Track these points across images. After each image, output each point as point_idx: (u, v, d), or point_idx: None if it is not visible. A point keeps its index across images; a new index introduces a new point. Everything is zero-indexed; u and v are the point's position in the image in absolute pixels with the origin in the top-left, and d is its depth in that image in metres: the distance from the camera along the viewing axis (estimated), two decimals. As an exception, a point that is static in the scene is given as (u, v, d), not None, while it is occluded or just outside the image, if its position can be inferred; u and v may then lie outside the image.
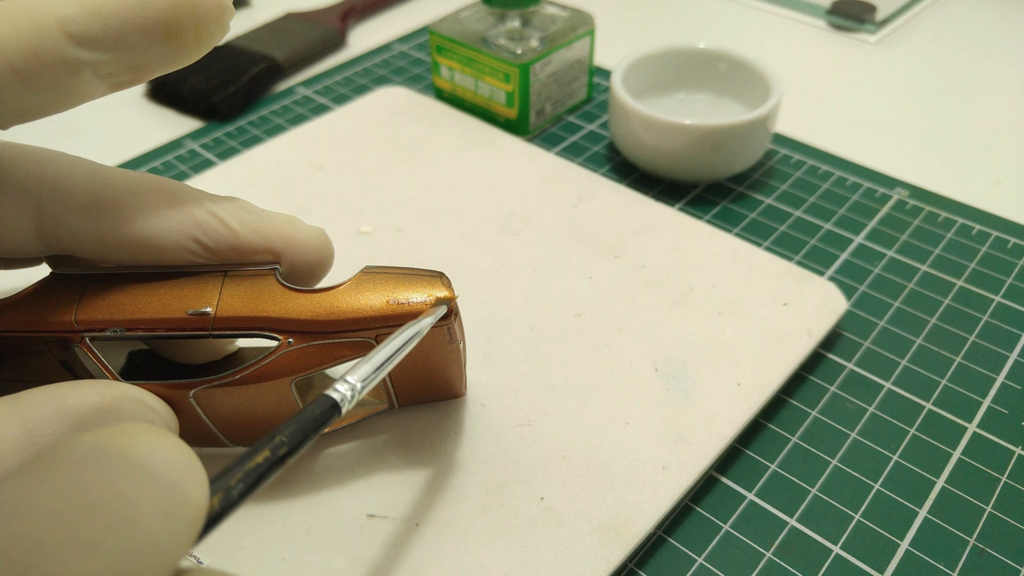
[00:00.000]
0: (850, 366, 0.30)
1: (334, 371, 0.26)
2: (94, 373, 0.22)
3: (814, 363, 0.30)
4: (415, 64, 0.49)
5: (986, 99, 0.46)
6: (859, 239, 0.36)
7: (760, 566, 0.24)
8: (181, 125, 0.44)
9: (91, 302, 0.22)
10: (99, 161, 0.22)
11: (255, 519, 0.23)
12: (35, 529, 0.11)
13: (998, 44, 0.51)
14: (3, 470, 0.17)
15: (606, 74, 0.47)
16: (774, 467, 0.27)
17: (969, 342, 0.31)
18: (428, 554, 0.23)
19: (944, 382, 0.29)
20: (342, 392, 0.18)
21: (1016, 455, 0.27)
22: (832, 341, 0.31)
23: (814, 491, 0.26)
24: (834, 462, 0.27)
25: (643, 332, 0.29)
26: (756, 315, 0.30)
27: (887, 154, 0.41)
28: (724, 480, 0.26)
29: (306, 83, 0.47)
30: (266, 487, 0.24)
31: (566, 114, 0.44)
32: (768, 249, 0.35)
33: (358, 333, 0.22)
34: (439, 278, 0.23)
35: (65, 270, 0.22)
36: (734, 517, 0.25)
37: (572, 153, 0.41)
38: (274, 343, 0.22)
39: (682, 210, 0.37)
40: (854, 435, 0.27)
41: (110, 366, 0.22)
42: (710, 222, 0.36)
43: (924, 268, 0.34)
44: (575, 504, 0.24)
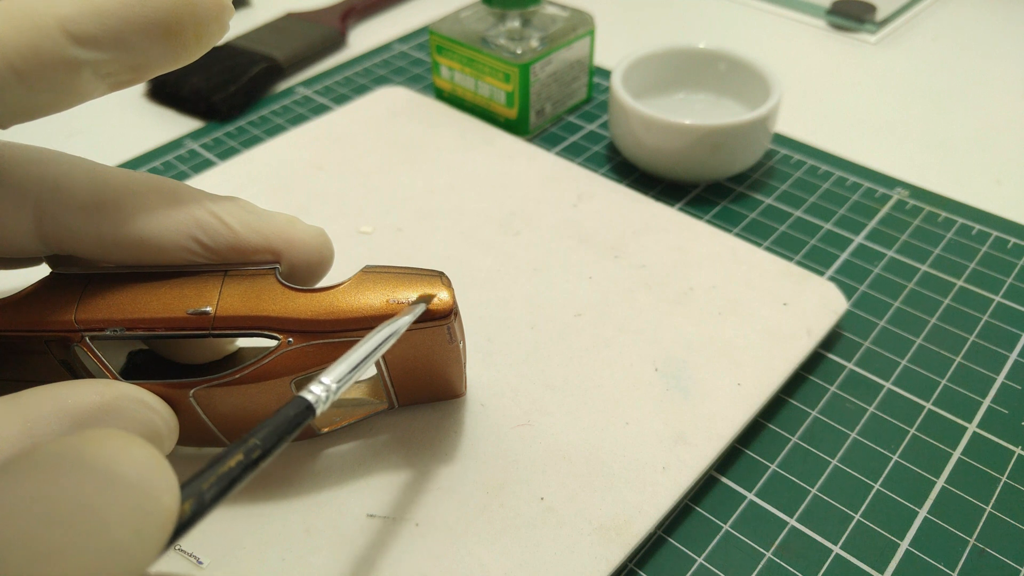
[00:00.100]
0: (850, 366, 0.30)
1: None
2: (94, 373, 0.22)
3: (814, 363, 0.30)
4: (415, 64, 0.49)
5: (986, 99, 0.46)
6: (859, 239, 0.36)
7: (760, 566, 0.24)
8: (181, 125, 0.44)
9: (91, 302, 0.22)
10: (99, 161, 0.22)
11: (255, 519, 0.23)
12: None
13: (998, 44, 0.51)
14: None
15: (606, 74, 0.47)
16: (774, 467, 0.27)
17: (969, 342, 0.31)
18: (428, 554, 0.23)
19: (944, 382, 0.29)
20: (316, 393, 0.18)
21: (1016, 455, 0.27)
22: (832, 341, 0.31)
23: (814, 491, 0.26)
24: (834, 462, 0.27)
25: (643, 332, 0.29)
26: (756, 315, 0.30)
27: (887, 154, 0.41)
28: (724, 480, 0.26)
29: (306, 83, 0.47)
30: (266, 487, 0.24)
31: (566, 114, 0.44)
32: (768, 249, 0.35)
33: (358, 332, 0.22)
34: (439, 278, 0.23)
35: (65, 270, 0.22)
36: (734, 517, 0.25)
37: (572, 153, 0.41)
38: (274, 342, 0.22)
39: (682, 210, 0.37)
40: (854, 435, 0.27)
41: (110, 366, 0.22)
42: (710, 222, 0.36)
43: (924, 268, 0.34)
44: (575, 504, 0.24)
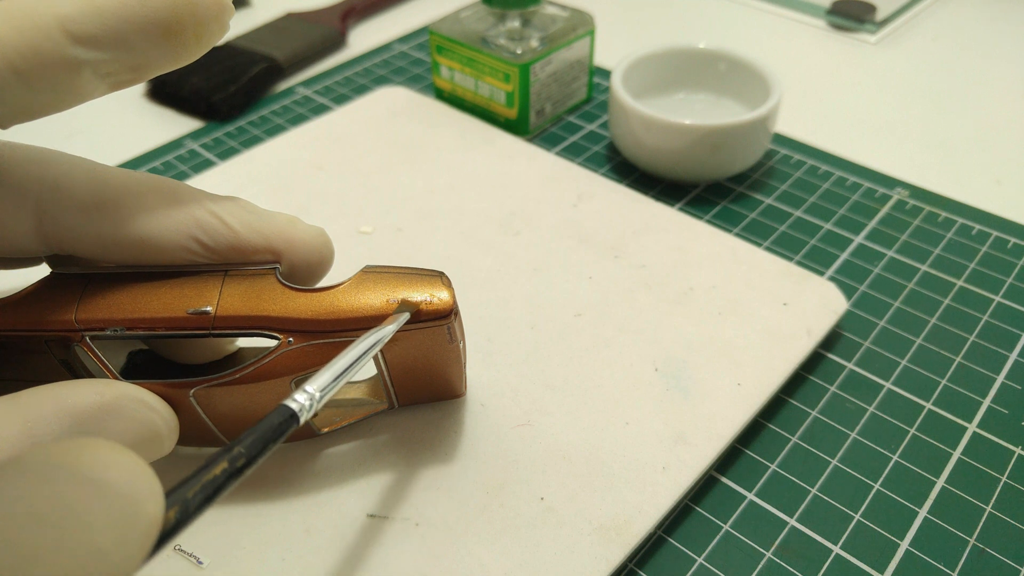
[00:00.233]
0: (850, 366, 0.30)
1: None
2: (94, 372, 0.22)
3: (814, 363, 0.30)
4: (415, 64, 0.49)
5: (986, 99, 0.46)
6: (859, 239, 0.36)
7: (760, 566, 0.24)
8: (181, 125, 0.44)
9: (91, 301, 0.22)
10: (99, 161, 0.22)
11: (255, 519, 0.23)
12: None
13: (998, 44, 0.51)
14: None
15: (606, 74, 0.47)
16: (774, 467, 0.27)
17: (969, 342, 0.31)
18: (428, 554, 0.23)
19: (944, 382, 0.29)
20: (300, 402, 0.18)
21: (1016, 455, 0.27)
22: (832, 341, 0.31)
23: (814, 491, 0.26)
24: (834, 462, 0.27)
25: (643, 332, 0.29)
26: (756, 315, 0.30)
27: (887, 154, 0.41)
28: (724, 480, 0.26)
29: (306, 83, 0.47)
30: (266, 487, 0.24)
31: (566, 114, 0.44)
32: (768, 249, 0.35)
33: (358, 333, 0.22)
34: (439, 277, 0.23)
35: (65, 270, 0.22)
36: (734, 517, 0.25)
37: (572, 153, 0.41)
38: (274, 342, 0.22)
39: (682, 210, 0.37)
40: (854, 435, 0.27)
41: (110, 365, 0.22)
42: (710, 222, 0.36)
43: (924, 268, 0.34)
44: (575, 504, 0.24)
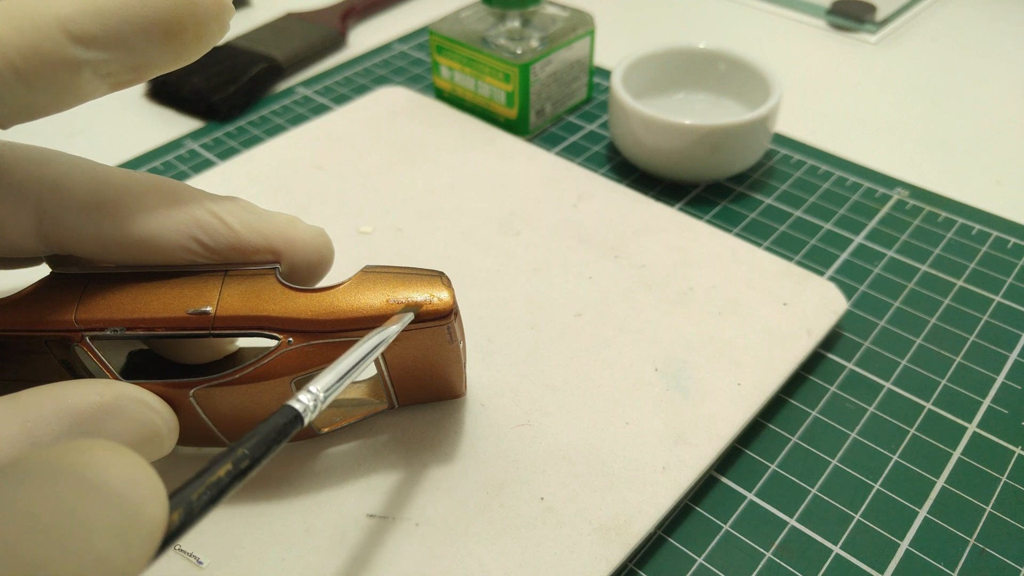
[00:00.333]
0: (850, 366, 0.30)
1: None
2: (94, 372, 0.22)
3: (814, 363, 0.30)
4: (415, 64, 0.49)
5: (986, 99, 0.46)
6: (859, 239, 0.36)
7: (760, 566, 0.24)
8: (181, 125, 0.44)
9: (91, 301, 0.22)
10: (99, 161, 0.22)
11: (255, 519, 0.23)
12: None
13: (998, 44, 0.51)
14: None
15: (606, 74, 0.47)
16: (774, 467, 0.27)
17: (969, 342, 0.31)
18: (428, 554, 0.23)
19: (944, 382, 0.29)
20: (304, 402, 0.18)
21: (1016, 455, 0.27)
22: (832, 341, 0.31)
23: (814, 491, 0.26)
24: (834, 462, 0.27)
25: (643, 332, 0.29)
26: (756, 315, 0.30)
27: (887, 154, 0.41)
28: (724, 480, 0.26)
29: (306, 83, 0.47)
30: (266, 487, 0.24)
31: (566, 114, 0.44)
32: (768, 249, 0.35)
33: (358, 333, 0.22)
34: (439, 277, 0.23)
35: (65, 270, 0.22)
36: (734, 517, 0.25)
37: (572, 153, 0.41)
38: (274, 342, 0.22)
39: (682, 210, 0.37)
40: (854, 435, 0.27)
41: (110, 365, 0.22)
42: (710, 222, 0.36)
43: (924, 268, 0.34)
44: (575, 504, 0.24)
